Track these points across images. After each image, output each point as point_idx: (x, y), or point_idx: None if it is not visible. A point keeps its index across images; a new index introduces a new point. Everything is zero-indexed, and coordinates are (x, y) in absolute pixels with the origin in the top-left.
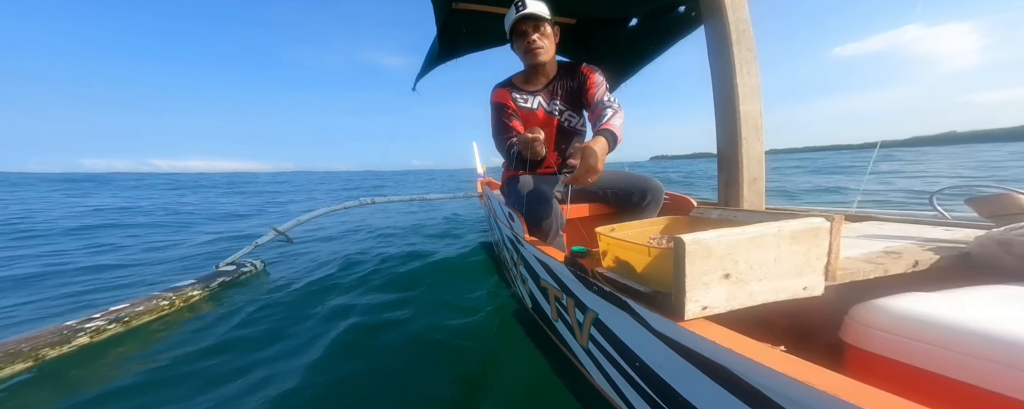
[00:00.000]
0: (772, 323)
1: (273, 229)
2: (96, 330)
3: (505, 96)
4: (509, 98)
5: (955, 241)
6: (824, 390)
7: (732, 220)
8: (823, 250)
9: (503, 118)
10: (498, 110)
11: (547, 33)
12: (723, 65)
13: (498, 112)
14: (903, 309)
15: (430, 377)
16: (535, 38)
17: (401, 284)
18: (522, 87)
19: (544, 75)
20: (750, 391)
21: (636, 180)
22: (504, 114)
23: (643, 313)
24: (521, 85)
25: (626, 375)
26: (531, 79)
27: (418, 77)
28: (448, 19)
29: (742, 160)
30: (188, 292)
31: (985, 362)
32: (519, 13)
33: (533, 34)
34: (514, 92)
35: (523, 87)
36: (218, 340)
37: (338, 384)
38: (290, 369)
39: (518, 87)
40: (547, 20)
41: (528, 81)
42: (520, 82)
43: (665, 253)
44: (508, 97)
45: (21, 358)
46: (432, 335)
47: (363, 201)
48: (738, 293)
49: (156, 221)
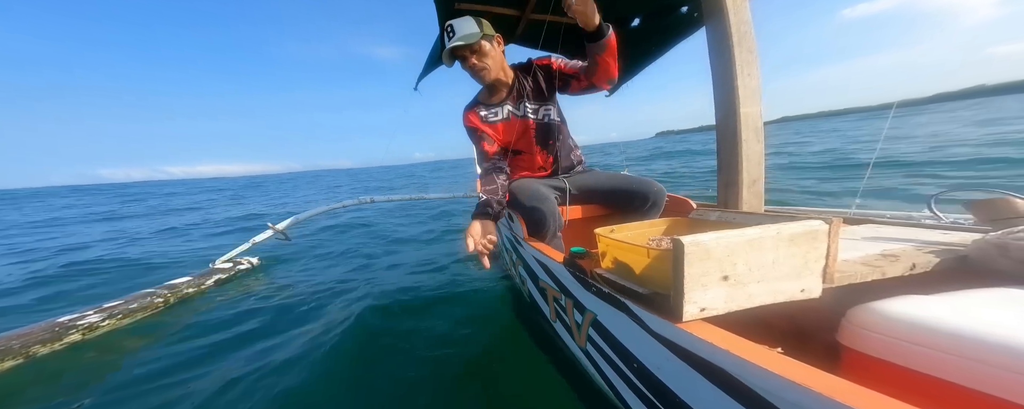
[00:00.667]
0: (770, 325)
1: (271, 227)
2: (89, 327)
3: (473, 119)
4: (476, 118)
5: (952, 244)
6: (821, 392)
7: (731, 222)
8: (821, 253)
9: (477, 143)
10: (471, 136)
11: (486, 51)
12: (724, 66)
13: (472, 138)
14: (900, 312)
15: (427, 377)
16: (474, 62)
17: (398, 283)
18: (488, 102)
19: (503, 86)
20: (747, 393)
21: (638, 183)
22: (476, 138)
23: (641, 314)
24: (486, 100)
25: (624, 376)
26: (493, 92)
27: (420, 77)
28: (450, 19)
29: (742, 162)
30: (183, 289)
31: (981, 365)
32: (451, 43)
33: (471, 58)
34: (482, 110)
35: (489, 102)
36: (211, 337)
37: (333, 381)
38: (282, 365)
39: (484, 103)
40: (480, 42)
41: (491, 94)
42: (484, 98)
43: (664, 255)
44: (476, 119)
45: (11, 355)
46: (429, 335)
47: (362, 200)
48: (736, 295)
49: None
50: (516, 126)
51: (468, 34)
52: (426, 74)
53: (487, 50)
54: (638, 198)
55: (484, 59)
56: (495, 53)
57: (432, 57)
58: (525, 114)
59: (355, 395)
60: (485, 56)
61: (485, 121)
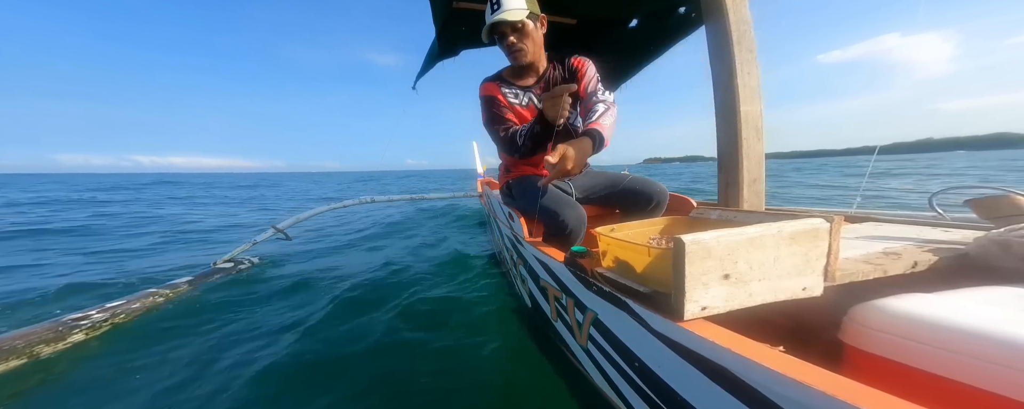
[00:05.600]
0: (771, 324)
1: (272, 227)
2: (92, 326)
3: (494, 90)
4: (499, 92)
5: (954, 242)
6: (823, 390)
7: (732, 221)
8: (822, 251)
9: (495, 110)
10: (488, 103)
11: (528, 31)
12: (724, 66)
13: (489, 105)
14: (902, 310)
15: (428, 377)
16: (513, 40)
17: (399, 282)
18: (512, 81)
19: (534, 71)
20: (749, 391)
21: (641, 183)
22: (496, 106)
23: (642, 313)
24: (511, 79)
25: (625, 375)
26: (521, 74)
27: (418, 76)
28: (448, 18)
29: (742, 161)
30: (184, 288)
31: (984, 363)
32: (493, 16)
33: (511, 35)
34: (503, 86)
35: (513, 81)
36: (212, 337)
37: (334, 381)
38: (284, 366)
39: (508, 81)
40: (524, 19)
41: (518, 75)
42: (510, 76)
43: (665, 253)
44: (498, 91)
45: (15, 354)
46: (429, 334)
47: (363, 200)
48: (737, 293)
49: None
50: (531, 119)
51: (514, 8)
52: (424, 72)
53: (529, 31)
54: (642, 198)
55: (525, 40)
56: (536, 35)
57: (430, 55)
58: None
59: (356, 395)
60: (526, 37)
61: (505, 98)
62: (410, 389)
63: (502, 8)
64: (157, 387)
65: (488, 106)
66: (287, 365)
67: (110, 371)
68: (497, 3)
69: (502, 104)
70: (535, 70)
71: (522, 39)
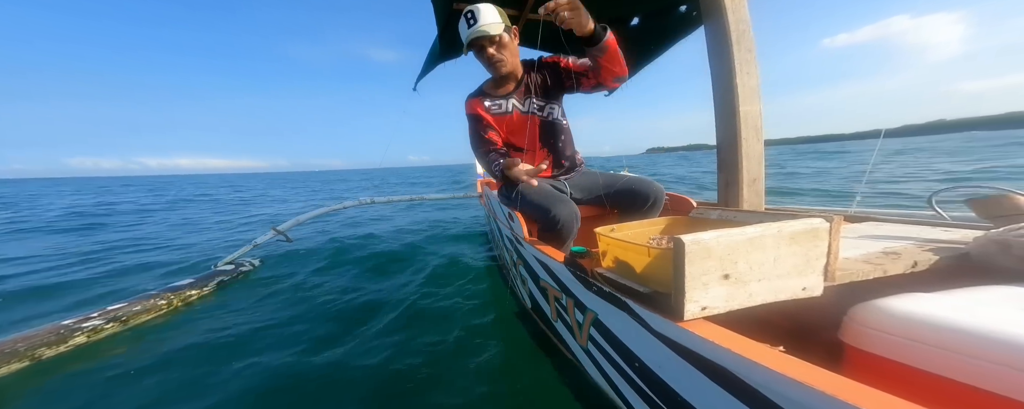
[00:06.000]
0: (771, 324)
1: (273, 229)
2: (93, 330)
3: (477, 106)
4: (481, 108)
5: (954, 242)
6: (823, 390)
7: (731, 220)
8: (822, 251)
9: (478, 129)
10: (473, 122)
11: (505, 43)
12: (723, 65)
13: (473, 124)
14: (902, 310)
15: (429, 376)
16: (492, 52)
17: (399, 283)
18: (493, 93)
19: (513, 78)
20: (749, 391)
21: (638, 183)
22: (480, 126)
23: (642, 313)
24: (492, 91)
25: (625, 375)
26: (501, 84)
27: (419, 77)
28: (449, 19)
29: (742, 160)
30: (186, 292)
31: (984, 362)
32: (471, 31)
33: (490, 48)
34: (486, 100)
35: (494, 93)
36: (214, 339)
37: (334, 382)
38: (285, 367)
39: (489, 94)
40: (501, 32)
41: (498, 85)
42: (490, 88)
43: (664, 253)
44: (480, 107)
45: (17, 358)
46: (429, 335)
47: (362, 201)
48: (737, 293)
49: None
50: (519, 122)
51: (492, 23)
52: (426, 73)
53: (506, 42)
54: (639, 198)
55: (503, 51)
56: (512, 46)
57: (431, 56)
58: (531, 110)
59: (356, 395)
60: (504, 48)
61: (488, 112)
62: (410, 389)
63: (478, 23)
64: (158, 390)
65: (472, 125)
66: (288, 368)
67: (111, 374)
68: (474, 18)
69: (484, 122)
70: (514, 77)
71: (501, 50)
